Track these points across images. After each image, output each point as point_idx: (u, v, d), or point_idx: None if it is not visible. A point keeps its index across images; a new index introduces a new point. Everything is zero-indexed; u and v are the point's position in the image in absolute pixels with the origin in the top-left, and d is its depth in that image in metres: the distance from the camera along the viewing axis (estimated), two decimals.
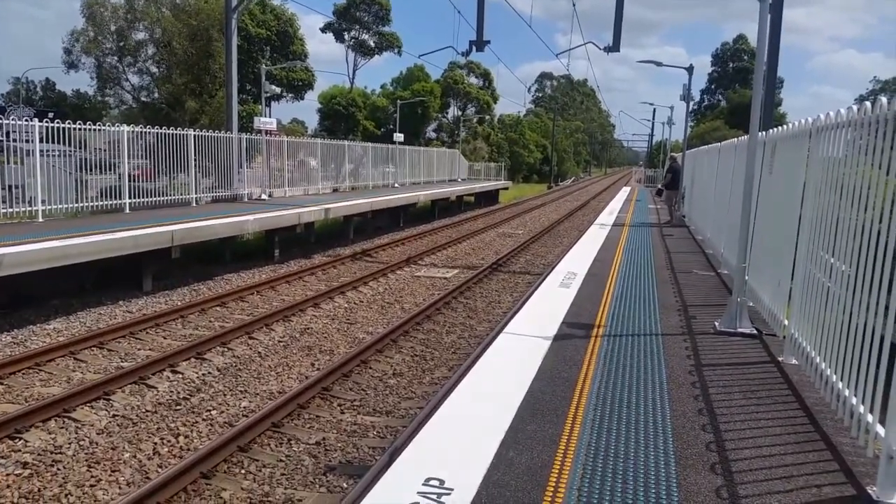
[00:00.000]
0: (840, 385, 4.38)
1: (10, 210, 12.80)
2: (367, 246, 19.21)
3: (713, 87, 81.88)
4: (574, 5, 25.38)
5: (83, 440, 6.25)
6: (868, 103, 4.36)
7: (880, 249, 3.88)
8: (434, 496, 3.29)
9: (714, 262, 11.51)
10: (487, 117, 71.80)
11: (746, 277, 7.26)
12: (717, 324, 6.88)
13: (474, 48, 19.54)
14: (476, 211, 33.78)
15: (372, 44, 61.49)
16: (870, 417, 3.83)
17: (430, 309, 11.50)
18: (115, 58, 31.36)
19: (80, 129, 14.25)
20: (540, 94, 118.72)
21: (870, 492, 3.47)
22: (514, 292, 13.61)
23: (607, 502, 3.30)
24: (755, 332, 6.65)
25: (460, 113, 69.36)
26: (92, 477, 5.60)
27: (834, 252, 4.78)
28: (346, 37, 61.29)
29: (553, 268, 10.75)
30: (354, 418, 7.04)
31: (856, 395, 4.07)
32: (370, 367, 8.65)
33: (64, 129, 13.80)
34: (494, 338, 6.52)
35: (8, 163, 13.57)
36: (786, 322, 6.13)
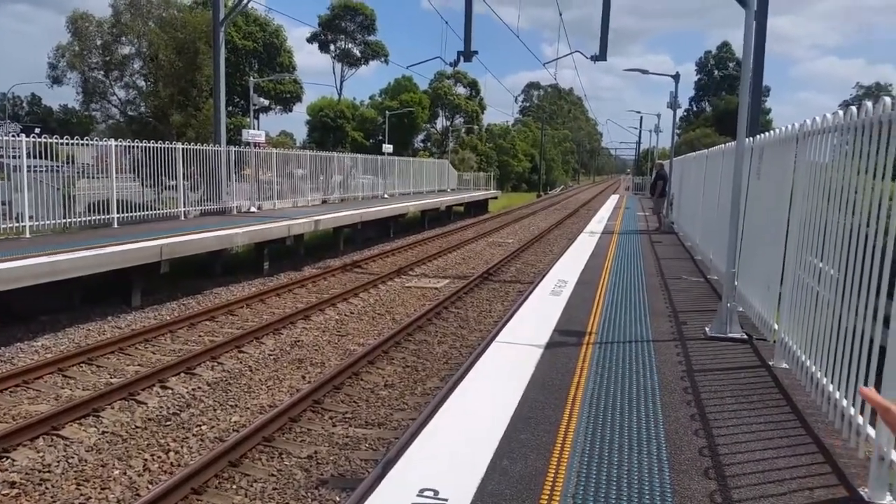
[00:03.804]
0: (831, 388, 4.39)
1: None
2: (358, 257, 19.18)
3: (700, 94, 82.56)
4: (561, 15, 25.55)
5: (72, 458, 6.18)
6: (854, 108, 4.40)
7: (868, 253, 3.91)
8: None
9: (703, 267, 11.56)
10: (476, 127, 72.02)
11: (736, 283, 7.29)
12: (707, 329, 6.90)
13: (462, 58, 19.59)
14: (466, 221, 33.81)
15: (358, 53, 61.67)
16: (860, 419, 3.84)
17: (422, 319, 11.47)
18: (101, 72, 31.25)
19: (67, 144, 14.19)
20: (527, 104, 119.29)
21: (861, 493, 3.48)
22: (505, 301, 13.61)
23: None
24: (745, 336, 6.68)
25: (449, 123, 69.55)
26: (81, 495, 5.53)
27: (822, 256, 4.81)
28: (332, 47, 61.42)
29: (544, 276, 10.76)
30: (346, 431, 7.00)
31: (846, 398, 4.09)
32: (362, 379, 8.61)
33: (51, 144, 13.73)
34: (486, 347, 6.51)
35: None
36: (776, 326, 6.15)
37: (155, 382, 8.12)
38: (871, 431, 3.70)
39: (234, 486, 5.75)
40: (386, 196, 30.88)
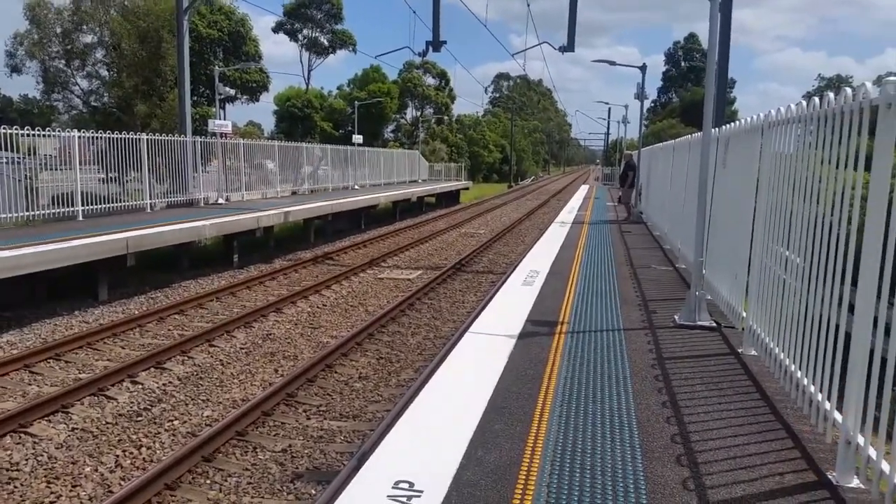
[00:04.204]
0: (799, 374, 4.48)
1: None
2: (329, 249, 19.07)
3: (667, 85, 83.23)
4: (529, 6, 25.58)
5: (41, 455, 6.08)
6: (816, 99, 4.48)
7: (832, 241, 3.99)
8: (404, 499, 3.27)
9: (672, 257, 11.71)
10: (446, 118, 71.91)
11: (704, 271, 7.40)
12: (676, 317, 6.99)
13: (431, 49, 19.56)
14: (438, 211, 33.79)
15: (326, 42, 61.07)
16: (828, 405, 3.93)
17: (395, 311, 11.47)
18: (63, 61, 30.53)
19: (28, 135, 13.86)
20: (497, 95, 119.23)
21: (829, 477, 3.57)
22: (477, 292, 13.65)
23: (576, 497, 3.33)
24: (714, 324, 6.78)
25: (418, 114, 69.34)
26: (52, 493, 5.45)
27: (788, 245, 4.89)
28: (299, 36, 60.76)
29: (516, 266, 10.81)
30: (321, 424, 6.98)
31: (814, 384, 4.18)
32: (335, 372, 8.58)
33: (11, 135, 13.39)
34: (459, 338, 6.53)
35: None
36: (744, 314, 6.26)
37: (125, 378, 8.01)
38: (838, 417, 3.79)
39: (208, 482, 5.71)
40: (357, 187, 30.72)
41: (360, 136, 38.23)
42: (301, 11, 58.56)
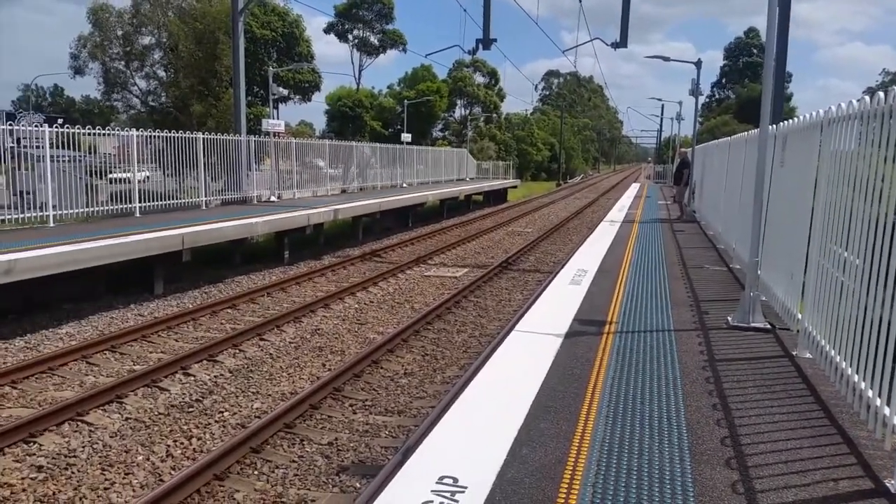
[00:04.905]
0: (856, 378, 4.33)
1: (22, 216, 12.88)
2: (377, 246, 19.22)
3: (724, 81, 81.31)
4: (580, 2, 25.31)
5: (97, 443, 6.27)
6: (881, 93, 4.31)
7: (895, 243, 3.83)
8: (448, 494, 3.27)
9: (725, 257, 11.45)
10: (494, 116, 71.71)
11: (759, 272, 7.21)
12: (729, 319, 6.84)
13: (481, 47, 19.54)
14: (485, 210, 33.73)
15: (376, 42, 61.58)
16: (887, 410, 3.79)
17: (441, 308, 11.48)
18: (122, 62, 31.49)
19: (89, 134, 14.34)
20: (547, 92, 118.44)
21: (888, 485, 3.43)
22: (524, 290, 13.58)
23: (622, 498, 3.28)
24: (768, 326, 6.61)
25: (467, 112, 69.33)
26: (106, 480, 5.62)
27: (847, 245, 4.73)
28: (350, 36, 61.39)
29: (563, 265, 10.72)
30: (366, 418, 7.03)
31: (872, 389, 4.03)
32: (381, 367, 8.64)
33: (74, 134, 13.87)
34: (506, 336, 6.50)
35: (19, 169, 13.66)
36: (799, 316, 6.08)
37: (177, 369, 8.21)
38: None
39: (256, 472, 5.81)
40: (405, 185, 30.89)
41: (409, 135, 38.47)
42: (352, 12, 59.16)
